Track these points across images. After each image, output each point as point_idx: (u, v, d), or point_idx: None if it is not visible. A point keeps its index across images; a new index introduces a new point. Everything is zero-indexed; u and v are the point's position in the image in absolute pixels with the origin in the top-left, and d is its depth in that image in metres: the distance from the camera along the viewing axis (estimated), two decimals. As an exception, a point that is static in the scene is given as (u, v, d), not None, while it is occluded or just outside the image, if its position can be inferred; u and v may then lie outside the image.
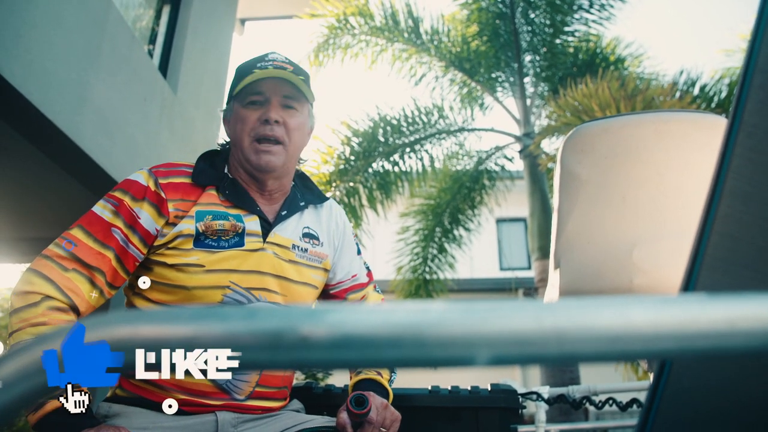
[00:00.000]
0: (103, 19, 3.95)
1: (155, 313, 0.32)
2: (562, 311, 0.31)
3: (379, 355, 0.29)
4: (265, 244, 1.34)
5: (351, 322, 0.29)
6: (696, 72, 5.93)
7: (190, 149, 5.47)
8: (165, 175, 1.33)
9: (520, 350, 0.30)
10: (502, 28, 7.41)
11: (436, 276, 7.84)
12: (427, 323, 0.30)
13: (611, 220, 1.30)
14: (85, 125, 3.73)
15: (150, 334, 0.31)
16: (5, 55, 2.95)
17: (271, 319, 0.29)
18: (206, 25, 5.93)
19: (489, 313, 0.31)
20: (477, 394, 1.57)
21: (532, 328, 0.30)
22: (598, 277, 1.29)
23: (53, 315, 1.15)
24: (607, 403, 2.28)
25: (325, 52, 7.97)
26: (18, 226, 5.26)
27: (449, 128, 7.70)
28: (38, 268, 1.21)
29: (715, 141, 1.37)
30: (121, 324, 0.31)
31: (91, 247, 1.23)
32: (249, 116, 1.34)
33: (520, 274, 11.14)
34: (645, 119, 1.37)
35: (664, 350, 0.31)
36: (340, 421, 1.22)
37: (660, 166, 1.28)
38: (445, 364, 0.31)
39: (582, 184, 1.35)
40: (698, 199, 1.36)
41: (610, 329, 0.30)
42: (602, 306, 0.32)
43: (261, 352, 0.30)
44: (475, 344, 0.29)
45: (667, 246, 1.24)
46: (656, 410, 0.53)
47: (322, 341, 0.28)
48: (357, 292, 1.54)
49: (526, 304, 0.32)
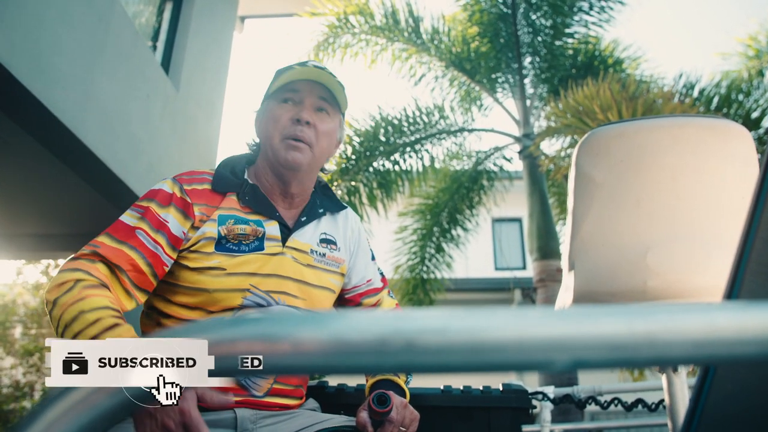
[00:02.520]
0: (107, 15, 3.95)
1: (257, 319, 0.33)
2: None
3: (483, 358, 0.30)
4: (284, 248, 1.35)
5: (456, 329, 0.30)
6: (695, 75, 5.96)
7: (192, 146, 5.47)
8: (189, 182, 1.35)
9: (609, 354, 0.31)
10: (503, 29, 7.43)
11: (433, 275, 7.86)
12: (528, 327, 0.31)
13: (626, 223, 1.31)
14: (90, 122, 3.73)
15: (252, 338, 0.32)
16: (13, 50, 2.94)
17: (378, 325, 0.31)
18: (208, 22, 5.92)
19: (582, 318, 0.32)
20: (489, 394, 1.58)
21: (623, 332, 0.31)
22: (612, 280, 1.31)
23: (88, 291, 1.13)
24: (612, 403, 2.30)
25: (325, 51, 7.96)
26: (22, 223, 5.25)
27: (450, 128, 7.72)
28: (66, 267, 1.21)
29: (729, 146, 1.39)
30: (224, 328, 0.32)
31: (114, 247, 1.23)
32: (282, 115, 1.36)
33: (515, 274, 11.17)
34: (660, 124, 1.38)
35: (748, 355, 0.33)
36: (360, 420, 1.23)
37: (674, 171, 1.30)
38: (540, 369, 0.32)
39: (597, 187, 1.36)
40: (712, 204, 1.38)
41: (697, 334, 0.31)
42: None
43: (366, 356, 0.31)
44: (568, 348, 0.31)
45: (681, 249, 1.26)
46: (701, 414, 0.54)
47: (428, 347, 0.30)
48: (372, 296, 1.56)
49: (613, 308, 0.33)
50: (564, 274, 1.41)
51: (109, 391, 0.31)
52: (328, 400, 1.57)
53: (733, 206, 1.25)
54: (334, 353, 0.29)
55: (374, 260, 1.60)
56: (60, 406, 0.31)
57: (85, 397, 0.31)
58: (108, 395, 0.31)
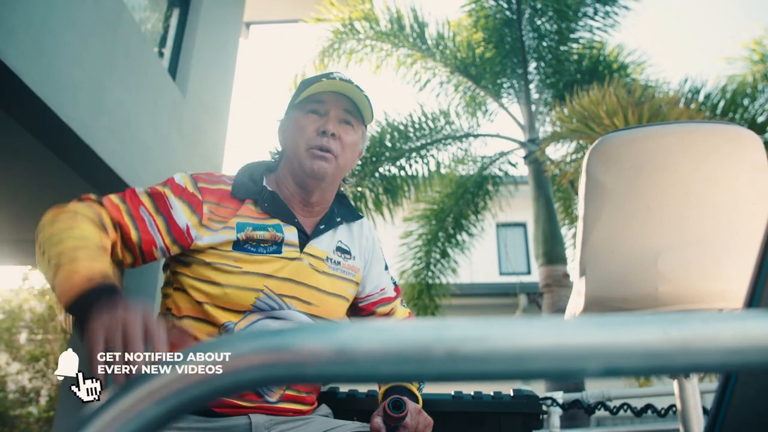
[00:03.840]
0: (116, 22, 3.98)
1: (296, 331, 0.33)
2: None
3: (523, 367, 0.31)
4: (302, 254, 1.36)
5: (497, 337, 0.31)
6: (700, 80, 5.95)
7: (199, 153, 5.49)
8: (205, 181, 1.36)
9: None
10: (508, 34, 7.44)
11: (438, 280, 7.85)
12: (565, 335, 0.32)
13: (636, 229, 1.32)
14: (99, 128, 3.75)
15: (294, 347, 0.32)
16: (23, 58, 2.97)
17: (419, 333, 0.31)
18: (214, 28, 5.95)
19: (618, 326, 0.33)
20: (500, 400, 1.59)
21: (659, 340, 0.31)
22: (623, 286, 1.31)
23: (86, 223, 1.16)
24: (622, 409, 2.30)
25: (330, 57, 7.98)
26: (29, 228, 5.26)
27: (455, 134, 7.73)
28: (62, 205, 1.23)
29: (740, 152, 1.39)
30: (269, 338, 0.33)
31: (116, 205, 1.25)
32: (307, 125, 1.38)
33: (521, 279, 11.16)
34: (671, 130, 1.39)
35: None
36: (375, 425, 1.24)
37: (685, 176, 1.30)
38: (576, 376, 0.33)
39: (607, 193, 1.36)
40: (723, 209, 1.38)
41: (727, 342, 0.32)
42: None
43: (409, 365, 0.31)
44: (604, 356, 0.31)
45: (692, 255, 1.26)
46: (722, 421, 0.55)
47: (469, 355, 0.30)
48: (385, 305, 1.57)
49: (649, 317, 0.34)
50: (575, 279, 1.41)
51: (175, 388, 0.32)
52: (339, 406, 1.57)
53: (745, 212, 1.26)
54: (382, 362, 0.30)
55: (388, 270, 1.62)
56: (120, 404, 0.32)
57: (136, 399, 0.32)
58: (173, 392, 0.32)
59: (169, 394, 0.32)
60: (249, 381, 0.31)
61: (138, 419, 0.32)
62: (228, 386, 0.31)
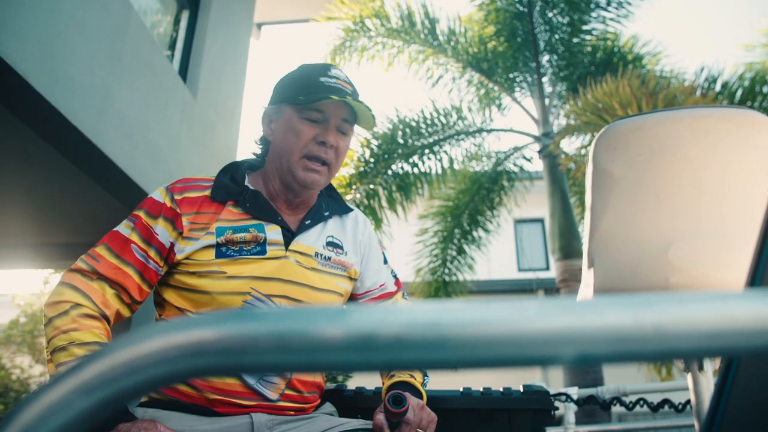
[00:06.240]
0: (124, 24, 3.99)
1: (238, 314, 0.31)
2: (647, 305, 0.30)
3: (476, 354, 0.28)
4: (287, 252, 1.35)
5: (447, 322, 0.28)
6: (717, 68, 5.84)
7: (210, 154, 5.50)
8: (181, 190, 1.35)
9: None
10: (520, 28, 7.38)
11: (455, 277, 7.82)
12: (524, 320, 0.29)
13: (646, 219, 1.28)
14: (109, 131, 3.77)
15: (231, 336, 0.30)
16: (31, 61, 2.98)
17: (363, 320, 0.29)
18: (224, 29, 5.96)
19: (582, 309, 0.30)
20: (509, 396, 1.55)
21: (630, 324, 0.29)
22: (633, 276, 1.27)
23: (82, 321, 1.19)
24: (638, 404, 2.25)
25: (342, 55, 7.99)
26: (42, 232, 5.33)
27: (468, 129, 7.68)
28: (66, 280, 1.26)
29: (752, 137, 1.34)
30: (200, 327, 0.31)
31: (111, 263, 1.28)
32: (305, 132, 1.35)
33: (539, 275, 11.08)
34: (680, 115, 1.34)
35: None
36: (377, 422, 1.22)
37: (695, 163, 1.26)
38: (540, 363, 0.30)
39: (615, 182, 1.33)
40: (735, 196, 1.34)
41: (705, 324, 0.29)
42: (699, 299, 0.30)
43: (352, 353, 0.29)
44: (568, 342, 0.29)
45: (704, 244, 1.22)
46: (723, 409, 0.52)
47: (418, 342, 0.28)
48: (385, 300, 1.54)
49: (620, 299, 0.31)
50: (584, 270, 1.38)
51: (86, 389, 0.29)
52: (345, 403, 1.55)
53: (758, 198, 1.22)
54: (319, 348, 0.28)
55: (387, 263, 1.59)
56: (35, 405, 0.30)
57: (62, 395, 0.30)
58: (85, 394, 0.30)
59: (98, 384, 0.30)
60: (180, 372, 0.29)
61: (66, 412, 0.29)
62: (159, 377, 0.29)
